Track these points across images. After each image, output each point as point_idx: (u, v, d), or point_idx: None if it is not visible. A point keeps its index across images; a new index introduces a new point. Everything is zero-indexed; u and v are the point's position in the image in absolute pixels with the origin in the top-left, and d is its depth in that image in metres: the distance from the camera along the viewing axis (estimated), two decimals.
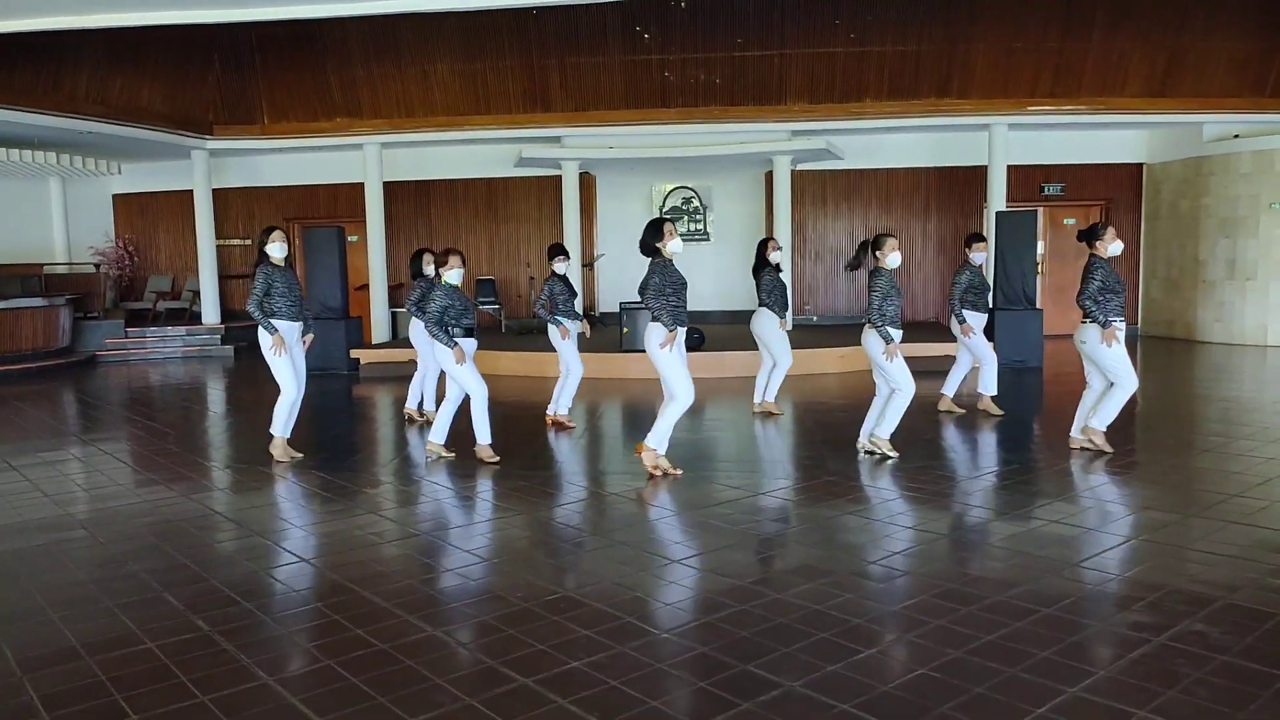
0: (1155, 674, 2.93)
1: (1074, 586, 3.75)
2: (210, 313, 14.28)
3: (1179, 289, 13.46)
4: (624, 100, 13.32)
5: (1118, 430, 6.31)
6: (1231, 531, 4.42)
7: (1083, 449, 6.17)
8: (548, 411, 7.61)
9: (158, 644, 3.33)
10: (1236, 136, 12.72)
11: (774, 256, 8.00)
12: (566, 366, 7.62)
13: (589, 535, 4.75)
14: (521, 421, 7.83)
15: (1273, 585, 3.68)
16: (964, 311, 7.62)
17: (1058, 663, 3.02)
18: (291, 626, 3.49)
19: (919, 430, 7.06)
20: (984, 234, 7.99)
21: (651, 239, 5.71)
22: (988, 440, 7.04)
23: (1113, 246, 6.12)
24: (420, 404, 7.95)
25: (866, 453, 6.23)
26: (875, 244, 6.29)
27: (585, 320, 7.86)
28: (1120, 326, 6.00)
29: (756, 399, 7.96)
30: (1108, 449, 6.08)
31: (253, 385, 10.80)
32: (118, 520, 5.08)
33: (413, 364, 10.77)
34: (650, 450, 5.74)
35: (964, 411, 7.72)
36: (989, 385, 7.75)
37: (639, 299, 5.77)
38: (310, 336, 6.59)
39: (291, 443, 6.51)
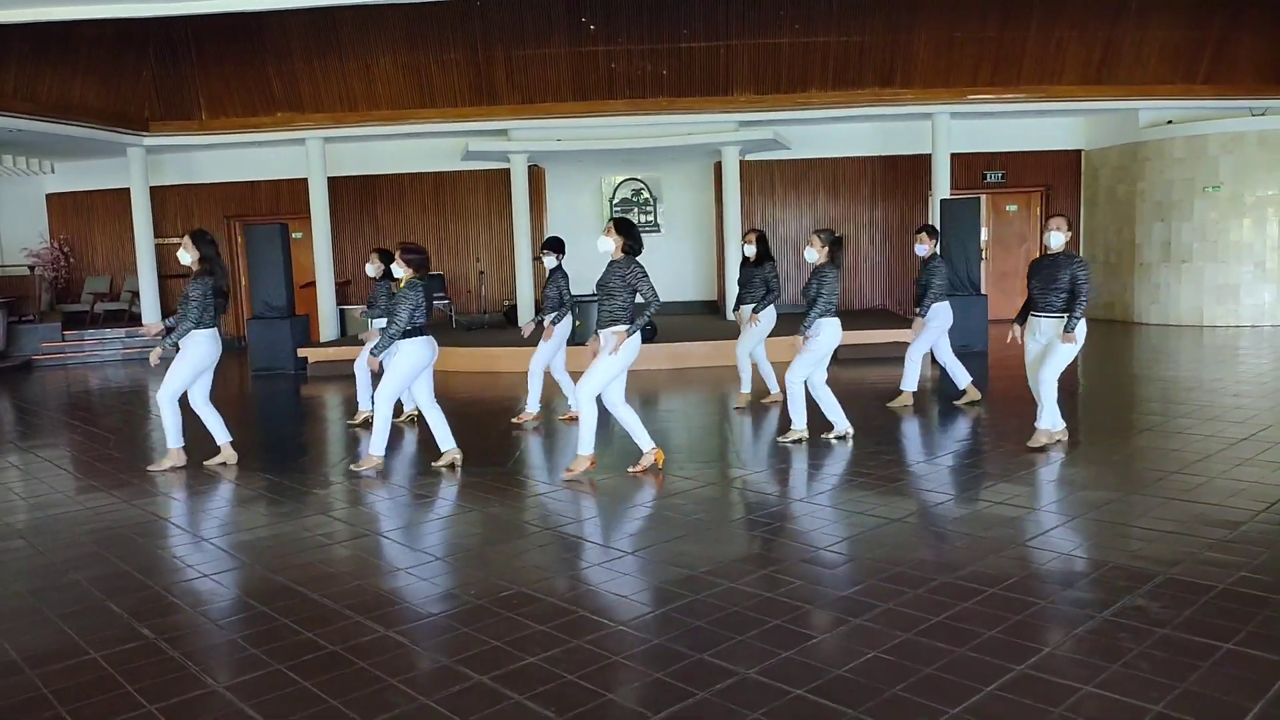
0: (1099, 649, 3.00)
1: (1019, 566, 3.83)
2: (150, 313, 13.92)
3: (1117, 272, 13.78)
4: (571, 92, 13.25)
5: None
6: (1171, 508, 4.54)
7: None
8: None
9: (102, 654, 3.25)
10: (1170, 122, 13.05)
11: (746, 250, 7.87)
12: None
13: (541, 530, 4.73)
14: (475, 419, 7.78)
15: (1210, 559, 3.79)
16: None
17: (1005, 641, 3.08)
18: (239, 631, 3.43)
19: (868, 416, 7.15)
20: (929, 224, 7.92)
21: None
22: (934, 425, 7.15)
23: (1047, 238, 5.94)
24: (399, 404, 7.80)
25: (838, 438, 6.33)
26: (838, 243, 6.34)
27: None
28: (1018, 328, 6.08)
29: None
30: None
31: None
32: (58, 528, 4.95)
33: None
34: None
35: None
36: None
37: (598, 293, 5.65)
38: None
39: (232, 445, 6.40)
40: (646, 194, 15.00)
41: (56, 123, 12.22)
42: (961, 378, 7.60)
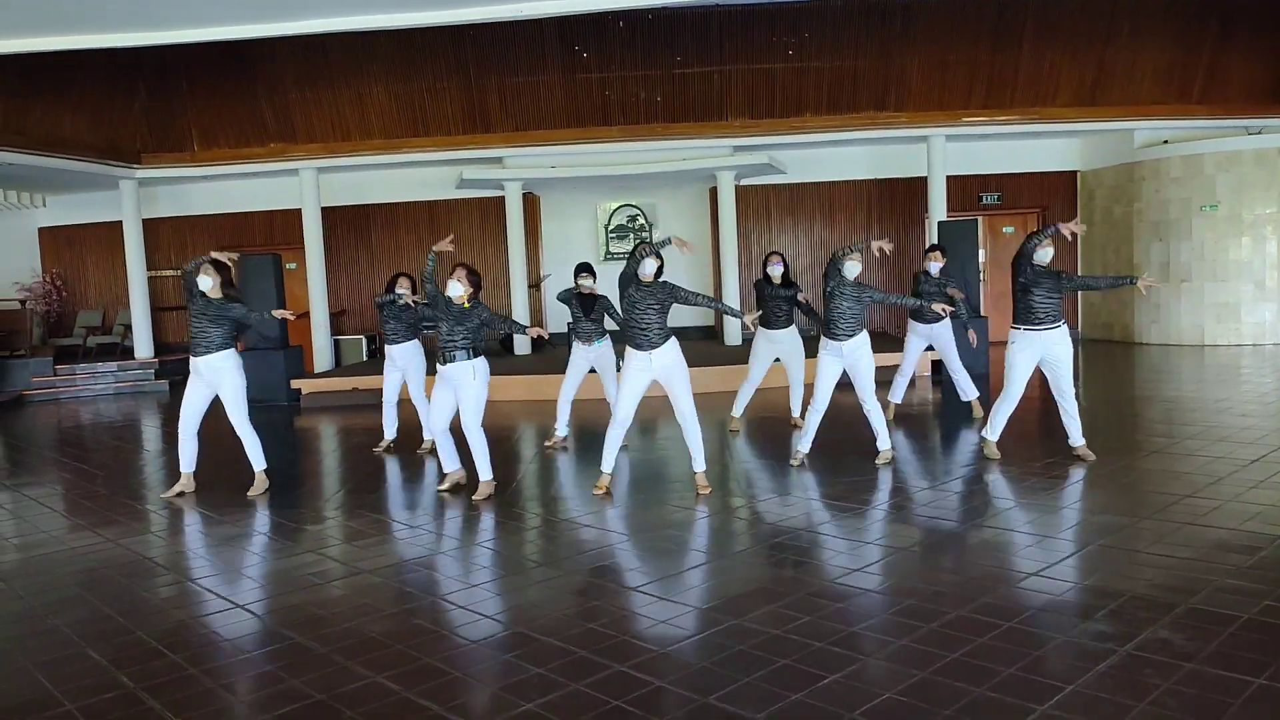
0: (1124, 686, 2.86)
1: (1035, 597, 3.69)
2: (143, 347, 13.80)
3: (1116, 292, 13.69)
4: (565, 119, 13.22)
5: (1062, 433, 6.31)
6: (1185, 533, 4.41)
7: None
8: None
9: (77, 705, 3.10)
10: (1166, 142, 13.03)
11: (771, 271, 7.67)
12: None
13: (537, 565, 4.59)
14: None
15: (1232, 587, 3.65)
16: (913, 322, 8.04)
17: (1025, 679, 2.94)
18: (222, 679, 3.28)
19: (865, 442, 7.01)
20: (938, 244, 8.19)
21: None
22: (935, 449, 7.02)
23: (1041, 254, 6.10)
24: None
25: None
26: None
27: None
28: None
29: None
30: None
31: None
32: (40, 570, 4.80)
33: (361, 394, 10.58)
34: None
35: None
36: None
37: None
38: None
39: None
40: (642, 220, 14.95)
41: (48, 156, 12.15)
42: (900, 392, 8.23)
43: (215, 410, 6.38)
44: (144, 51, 11.14)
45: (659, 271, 5.72)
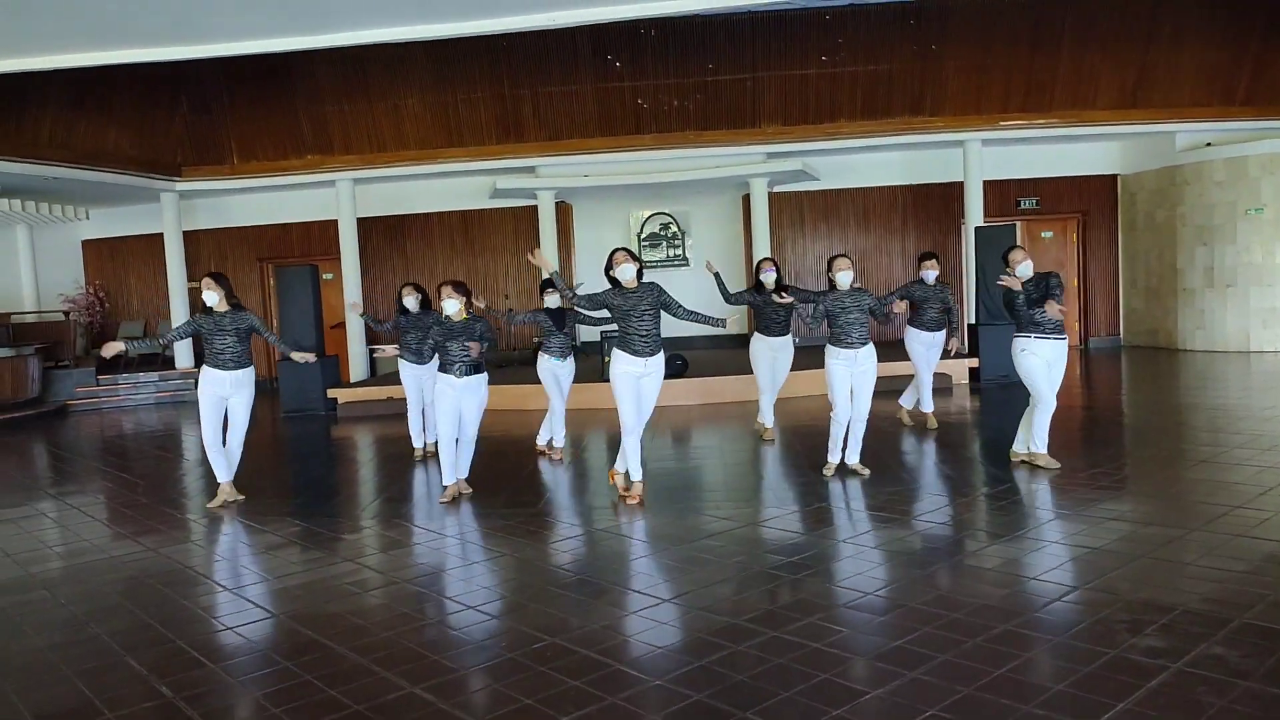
0: (1177, 704, 2.77)
1: (1082, 611, 3.60)
2: (183, 357, 14.02)
3: (1159, 298, 13.46)
4: (598, 128, 13.25)
5: (1106, 443, 6.19)
6: (1237, 546, 4.29)
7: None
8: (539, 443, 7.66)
9: (116, 714, 3.12)
10: (1209, 145, 12.78)
11: (764, 278, 7.65)
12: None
13: (574, 576, 4.56)
14: (505, 457, 7.65)
15: None
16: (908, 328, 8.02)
17: (1075, 696, 2.86)
18: (261, 689, 3.28)
19: (904, 451, 6.93)
20: (934, 251, 8.14)
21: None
22: (975, 459, 6.91)
23: (1023, 269, 6.07)
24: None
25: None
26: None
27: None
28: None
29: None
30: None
31: None
32: (82, 579, 4.85)
33: (396, 403, 10.59)
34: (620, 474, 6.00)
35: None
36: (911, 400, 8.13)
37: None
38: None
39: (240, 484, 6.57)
40: (675, 227, 14.93)
41: (91, 170, 12.39)
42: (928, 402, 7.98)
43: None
44: (184, 66, 11.32)
45: (640, 273, 5.73)
